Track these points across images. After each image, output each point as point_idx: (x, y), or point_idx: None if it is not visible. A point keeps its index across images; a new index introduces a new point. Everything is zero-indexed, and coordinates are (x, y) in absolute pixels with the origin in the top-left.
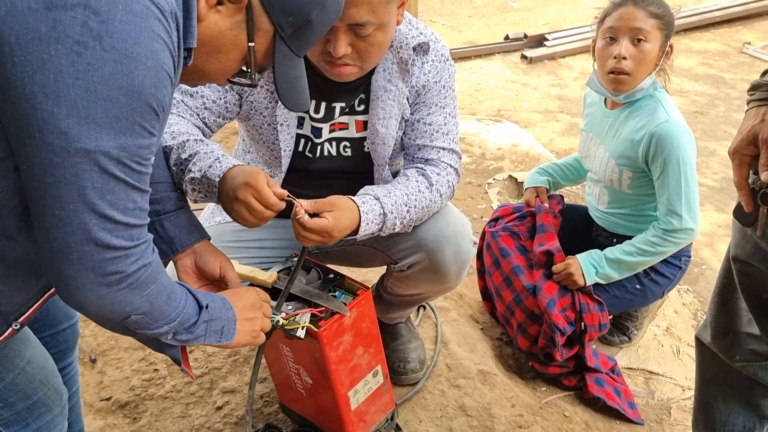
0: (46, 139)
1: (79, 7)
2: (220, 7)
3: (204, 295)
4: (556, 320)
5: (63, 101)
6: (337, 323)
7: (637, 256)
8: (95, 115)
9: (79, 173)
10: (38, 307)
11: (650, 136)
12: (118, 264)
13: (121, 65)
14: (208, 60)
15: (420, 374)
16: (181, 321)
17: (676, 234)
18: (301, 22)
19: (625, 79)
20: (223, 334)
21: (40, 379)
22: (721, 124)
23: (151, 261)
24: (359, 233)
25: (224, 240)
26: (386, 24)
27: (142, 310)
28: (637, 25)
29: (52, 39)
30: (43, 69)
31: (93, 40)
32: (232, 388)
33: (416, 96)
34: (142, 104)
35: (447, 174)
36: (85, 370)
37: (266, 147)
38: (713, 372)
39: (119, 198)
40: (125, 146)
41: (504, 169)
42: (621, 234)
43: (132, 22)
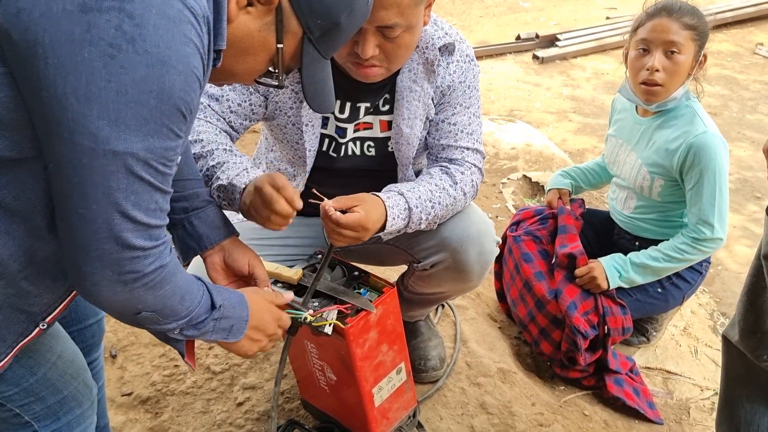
0: (76, 140)
1: (113, 11)
2: (250, 8)
3: (222, 294)
4: (577, 323)
5: (94, 103)
6: (364, 320)
7: (663, 262)
8: (125, 118)
9: (106, 174)
10: (65, 306)
11: (688, 146)
12: (135, 264)
13: (152, 69)
14: (236, 61)
15: (441, 372)
16: (190, 319)
17: (706, 243)
18: (330, 25)
19: (658, 90)
20: (231, 332)
21: (71, 373)
22: (735, 125)
23: (167, 262)
24: (386, 228)
25: (248, 237)
26: (414, 25)
27: (153, 308)
28: (671, 38)
29: (85, 41)
30: (76, 71)
31: (126, 44)
32: (252, 384)
33: (441, 96)
34: (171, 107)
35: (471, 173)
36: (106, 366)
37: (290, 146)
38: (739, 371)
39: (143, 199)
40: (152, 148)
41: (518, 169)
42: (645, 237)
43: (165, 26)
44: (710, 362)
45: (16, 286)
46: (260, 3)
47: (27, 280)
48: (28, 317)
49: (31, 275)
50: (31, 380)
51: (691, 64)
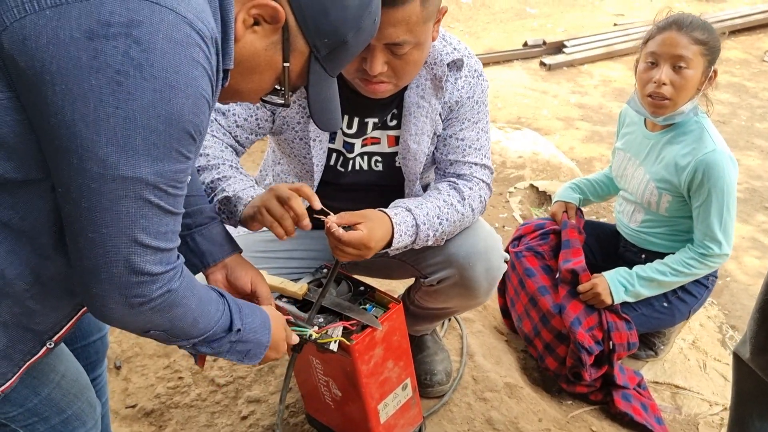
0: (85, 165)
1: (120, 37)
2: (256, 27)
3: (245, 316)
4: (581, 339)
5: (102, 130)
6: (369, 337)
7: (670, 276)
8: (134, 143)
9: (115, 199)
10: (71, 325)
11: (696, 164)
12: (143, 288)
13: (160, 94)
14: (242, 80)
15: (446, 386)
16: (205, 338)
17: (713, 259)
18: (337, 44)
19: (665, 104)
20: (247, 356)
21: (74, 392)
22: (744, 134)
23: (176, 287)
24: (393, 245)
25: (253, 250)
26: (423, 42)
27: (162, 328)
28: (679, 52)
29: (93, 68)
30: (84, 98)
31: (134, 70)
32: (257, 397)
33: (449, 111)
34: (180, 131)
35: (479, 189)
36: (110, 377)
37: (298, 161)
38: (751, 389)
39: (152, 223)
40: (162, 172)
41: (525, 178)
42: (651, 251)
43: (172, 51)
44: (719, 377)
45: (22, 305)
46: (267, 22)
47: (33, 299)
48: (34, 336)
49: (38, 294)
50: (35, 400)
51: (699, 79)
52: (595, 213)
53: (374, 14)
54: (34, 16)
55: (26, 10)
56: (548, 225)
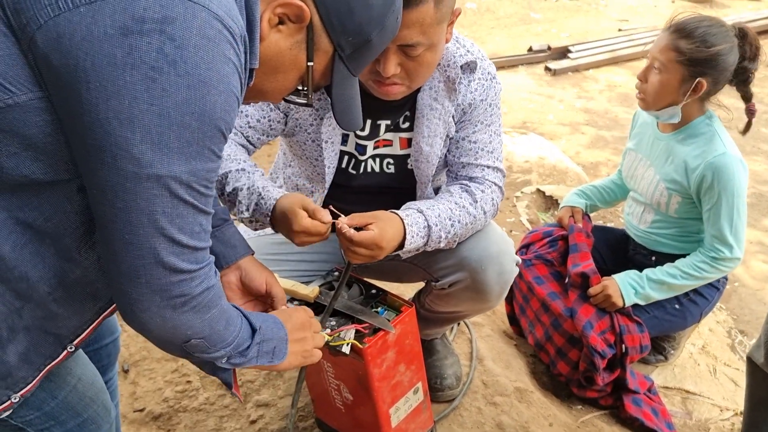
0: (119, 164)
1: (154, 33)
2: (281, 26)
3: (255, 317)
4: (594, 343)
5: (137, 127)
6: (382, 340)
7: (681, 279)
8: (168, 141)
9: (150, 198)
10: (93, 329)
11: (706, 167)
12: (183, 287)
13: (194, 90)
14: (266, 79)
15: (456, 391)
16: (236, 345)
17: (725, 262)
18: (361, 43)
19: (641, 98)
20: (275, 355)
21: (90, 396)
22: (750, 139)
23: (214, 284)
24: (405, 246)
25: (264, 252)
26: (436, 44)
27: (202, 334)
28: (656, 54)
29: (127, 65)
30: (118, 95)
31: (168, 66)
32: (266, 401)
33: (462, 114)
34: (212, 128)
35: (491, 192)
36: (119, 381)
37: (309, 163)
38: (764, 393)
39: (187, 222)
40: (195, 171)
41: (532, 183)
42: (662, 252)
43: (205, 47)
44: (729, 382)
45: (45, 309)
46: (291, 21)
47: (56, 303)
48: (56, 340)
49: (61, 297)
50: (52, 404)
51: (676, 87)
52: (602, 218)
53: (397, 12)
54: (68, 13)
55: (60, 8)
56: (556, 231)
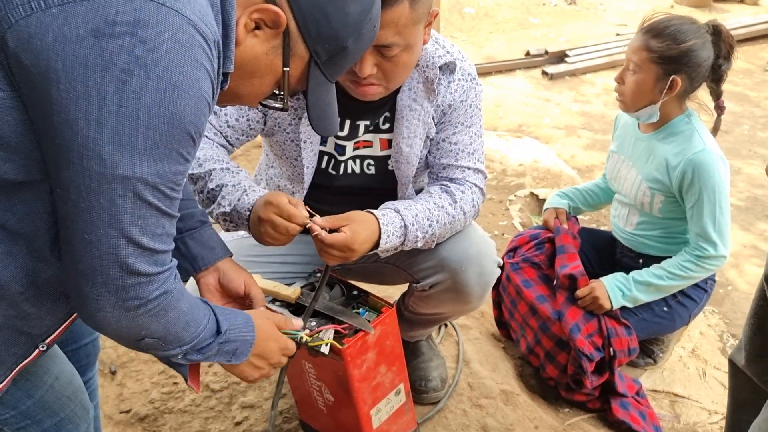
0: (85, 164)
1: (126, 36)
2: (257, 31)
3: (228, 317)
4: (581, 346)
5: (105, 128)
6: (361, 341)
7: (667, 280)
8: (135, 142)
9: (114, 199)
10: (65, 328)
11: (686, 164)
12: (140, 290)
13: (164, 94)
14: (242, 83)
15: (441, 393)
16: (195, 344)
17: (710, 261)
18: (337, 50)
19: (620, 101)
20: (235, 356)
21: (68, 395)
22: (746, 143)
23: (171, 288)
24: (380, 246)
25: (246, 255)
26: (412, 45)
27: (157, 335)
28: (629, 55)
29: (98, 66)
30: (88, 96)
31: (138, 69)
32: (251, 403)
33: (442, 115)
34: (181, 132)
35: (472, 192)
36: (105, 382)
37: (289, 163)
38: (747, 396)
39: (150, 224)
40: (161, 173)
41: (525, 186)
42: (649, 254)
43: (177, 51)
44: (719, 385)
45: (17, 308)
46: (268, 26)
47: (28, 302)
48: (28, 339)
49: (33, 297)
50: (28, 403)
51: (651, 86)
52: (595, 221)
53: (374, 20)
54: (40, 14)
55: (32, 8)
56: (543, 234)
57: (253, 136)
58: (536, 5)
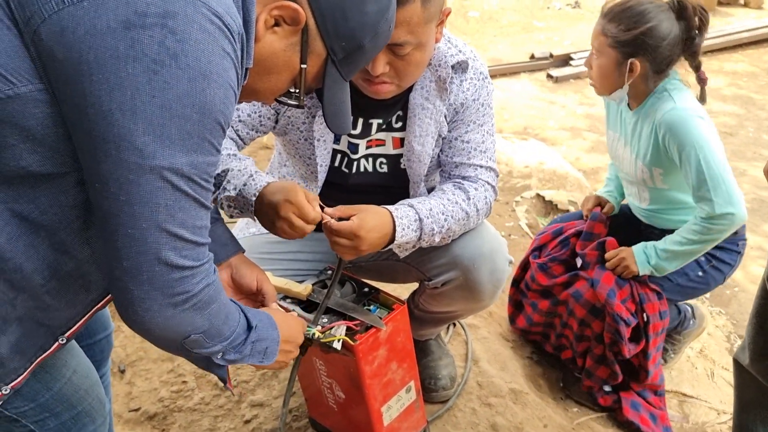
0: (122, 155)
1: (156, 27)
2: (276, 28)
3: (253, 314)
4: (619, 311)
5: (139, 118)
6: (373, 337)
7: (685, 245)
8: (170, 132)
9: (153, 191)
10: (85, 321)
11: (659, 126)
12: (185, 284)
13: (195, 83)
14: (260, 79)
15: (451, 392)
16: (232, 340)
17: (715, 220)
18: (354, 48)
19: (592, 86)
20: (266, 355)
21: (85, 388)
22: (751, 145)
23: (214, 280)
24: (397, 239)
25: (259, 251)
26: (425, 43)
27: (202, 329)
28: (592, 40)
29: (130, 57)
30: (121, 87)
31: (169, 59)
32: (260, 401)
33: (454, 114)
34: (212, 121)
35: (485, 190)
36: (114, 381)
37: (302, 161)
38: (752, 395)
39: (189, 216)
40: (196, 163)
41: (531, 187)
42: (672, 229)
43: (205, 41)
44: (727, 385)
45: (38, 300)
46: (287, 23)
47: (49, 294)
48: (48, 331)
49: (54, 289)
50: (47, 395)
51: (613, 70)
52: None
53: (390, 20)
54: (72, 7)
55: (64, 2)
56: (566, 228)
57: (264, 133)
58: (540, 9)
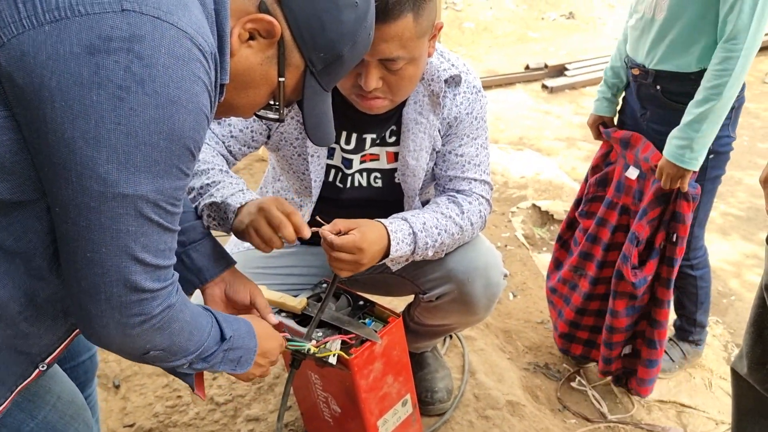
0: (84, 184)
1: (122, 52)
2: (251, 42)
3: (230, 324)
4: (639, 230)
5: (103, 146)
6: (368, 351)
7: (702, 103)
8: (135, 160)
9: (115, 217)
10: (65, 346)
11: None
12: (143, 306)
13: (162, 110)
14: (237, 95)
15: (447, 404)
16: (200, 353)
17: (736, 40)
18: (332, 58)
19: None
20: (240, 364)
21: (71, 414)
22: (746, 154)
23: (174, 302)
24: (391, 254)
25: (253, 266)
26: (417, 58)
27: (162, 346)
28: None
29: (94, 84)
30: (85, 114)
31: (136, 85)
32: (256, 416)
33: (448, 128)
34: (181, 147)
35: (479, 204)
36: (109, 396)
37: (296, 177)
38: (750, 404)
39: (152, 240)
40: (162, 189)
41: (528, 198)
42: (663, 71)
43: (174, 66)
44: (725, 395)
45: (15, 328)
46: (262, 37)
47: (27, 321)
48: (27, 358)
49: (31, 316)
50: (32, 424)
51: None
52: None
53: (369, 28)
54: (32, 32)
55: (24, 26)
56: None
57: (255, 148)
58: (535, 19)
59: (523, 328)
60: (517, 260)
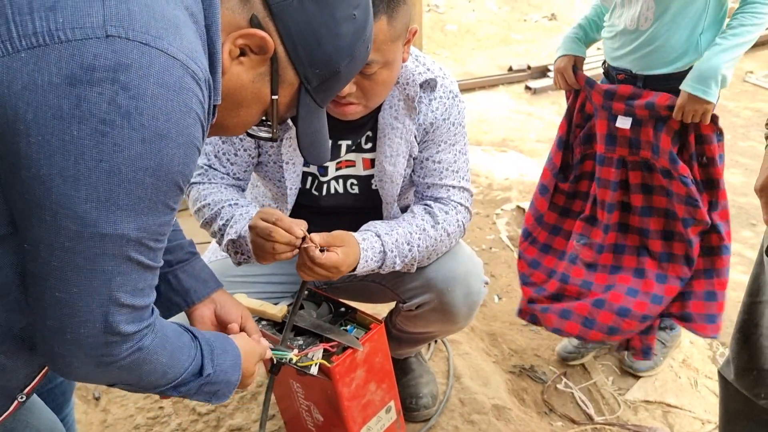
0: (60, 223)
1: (106, 83)
2: (242, 58)
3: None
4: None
5: (82, 185)
6: (350, 358)
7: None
8: (116, 199)
9: (91, 258)
10: (43, 376)
11: None
12: (112, 348)
13: (149, 144)
14: (228, 115)
15: (433, 410)
16: (174, 386)
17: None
18: (329, 74)
19: None
20: (215, 397)
21: None
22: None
23: (147, 345)
24: (357, 270)
25: (232, 274)
26: (391, 62)
27: (129, 383)
28: None
29: (75, 118)
30: (64, 151)
31: (120, 118)
32: (239, 425)
33: (424, 134)
34: (168, 183)
35: (456, 212)
36: (89, 408)
37: (273, 183)
38: (738, 408)
39: (130, 280)
40: (145, 226)
41: (512, 200)
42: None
43: (164, 97)
44: (710, 394)
45: None
46: (254, 53)
47: (4, 355)
48: (4, 392)
49: (9, 350)
50: None
51: None
52: None
53: (368, 40)
54: (7, 59)
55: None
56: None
57: (254, 164)
58: (517, 21)
59: (509, 330)
60: (502, 262)
